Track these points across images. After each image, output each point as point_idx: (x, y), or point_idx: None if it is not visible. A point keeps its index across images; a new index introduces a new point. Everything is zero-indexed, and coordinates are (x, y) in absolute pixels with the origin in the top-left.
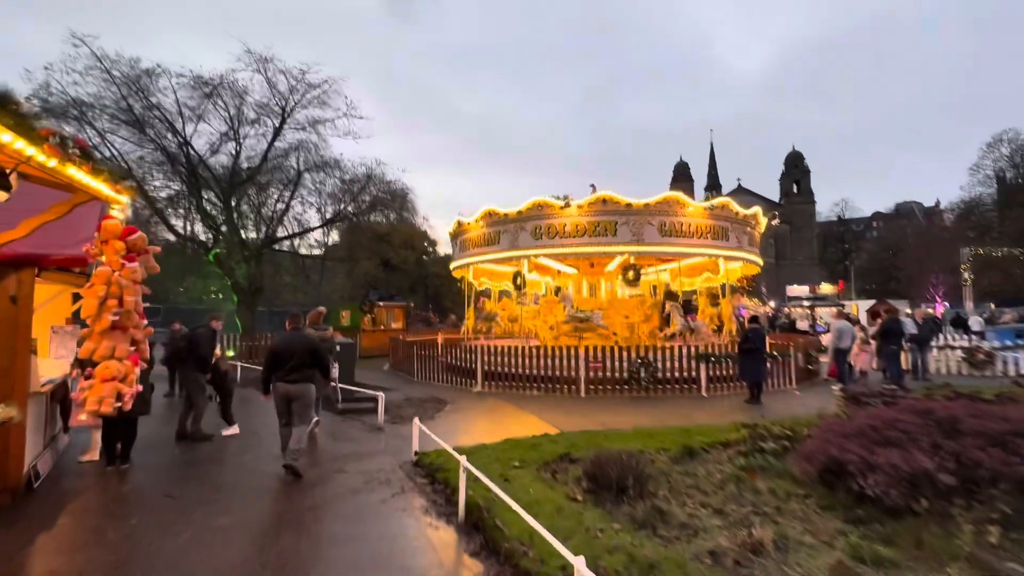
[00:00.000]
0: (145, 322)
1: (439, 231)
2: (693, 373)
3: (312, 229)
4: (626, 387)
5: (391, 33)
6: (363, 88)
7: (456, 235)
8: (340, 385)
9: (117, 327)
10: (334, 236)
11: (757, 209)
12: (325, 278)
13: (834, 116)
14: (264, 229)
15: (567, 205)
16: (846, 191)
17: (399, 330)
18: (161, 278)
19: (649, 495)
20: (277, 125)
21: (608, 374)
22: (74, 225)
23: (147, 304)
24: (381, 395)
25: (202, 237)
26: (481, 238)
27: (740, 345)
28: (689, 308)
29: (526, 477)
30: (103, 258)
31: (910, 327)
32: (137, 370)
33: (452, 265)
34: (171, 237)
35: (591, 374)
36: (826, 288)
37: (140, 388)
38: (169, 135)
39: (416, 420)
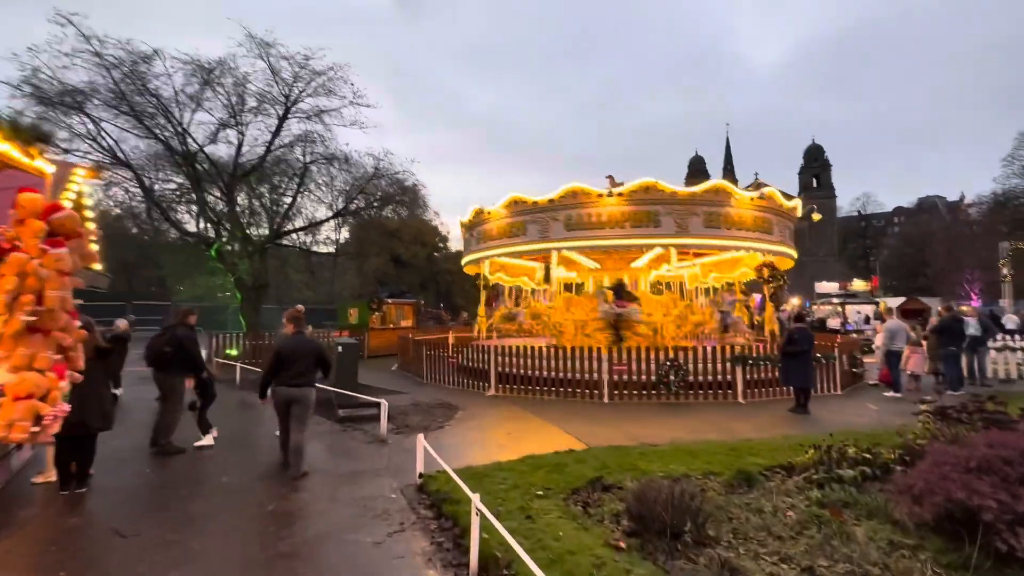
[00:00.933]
0: (78, 323)
1: (450, 227)
2: (728, 377)
3: (318, 223)
4: (653, 392)
5: (400, 31)
6: (374, 87)
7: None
8: (340, 391)
9: (36, 330)
10: (345, 234)
11: (715, 183)
12: (335, 275)
13: (854, 110)
14: (269, 224)
15: (481, 212)
16: (867, 186)
17: (409, 328)
18: (166, 275)
19: (709, 540)
20: (281, 114)
21: (633, 377)
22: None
23: (157, 302)
24: (384, 403)
25: (210, 233)
26: (466, 242)
27: (784, 347)
28: (621, 294)
29: (552, 511)
30: (20, 242)
31: (972, 326)
32: (65, 384)
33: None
34: (175, 233)
35: (615, 377)
36: (858, 284)
37: (67, 408)
38: (164, 121)
39: (420, 437)
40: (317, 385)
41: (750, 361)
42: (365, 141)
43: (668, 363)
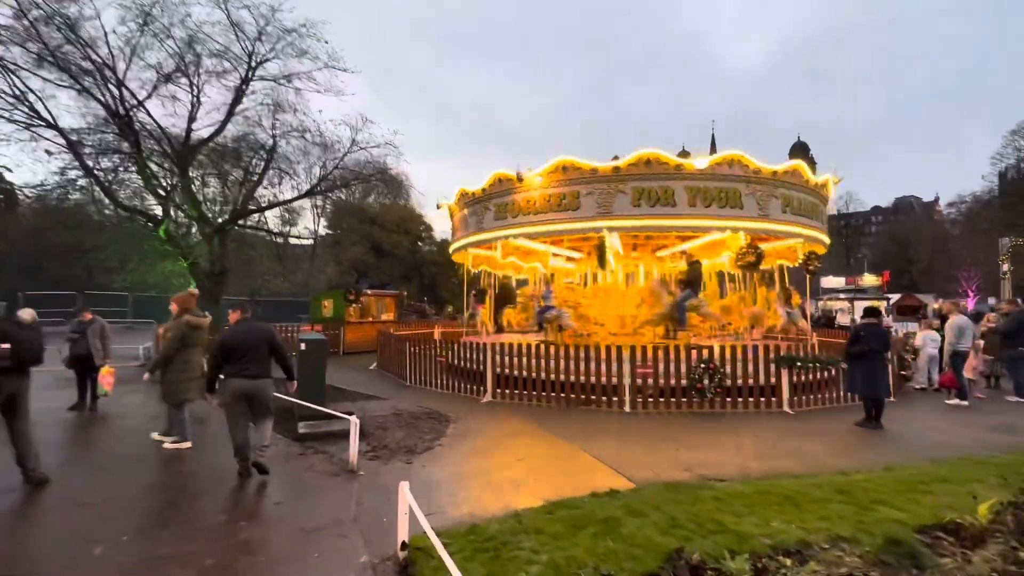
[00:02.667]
0: None
1: (434, 217)
2: (769, 381)
3: (287, 202)
4: (683, 399)
5: (382, 14)
6: (356, 78)
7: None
8: (300, 401)
9: None
10: (324, 225)
11: (496, 173)
12: (313, 265)
13: (832, 109)
14: (231, 202)
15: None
16: (847, 185)
17: (390, 322)
18: (105, 258)
19: None
20: (243, 76)
21: (660, 381)
22: None
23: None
24: (354, 421)
25: (156, 209)
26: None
27: (849, 346)
28: (480, 297)
29: None
30: None
31: None
32: None
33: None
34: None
35: (638, 382)
36: (869, 280)
37: None
38: (97, 73)
39: (404, 489)
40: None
41: (798, 363)
42: (342, 111)
43: (702, 365)
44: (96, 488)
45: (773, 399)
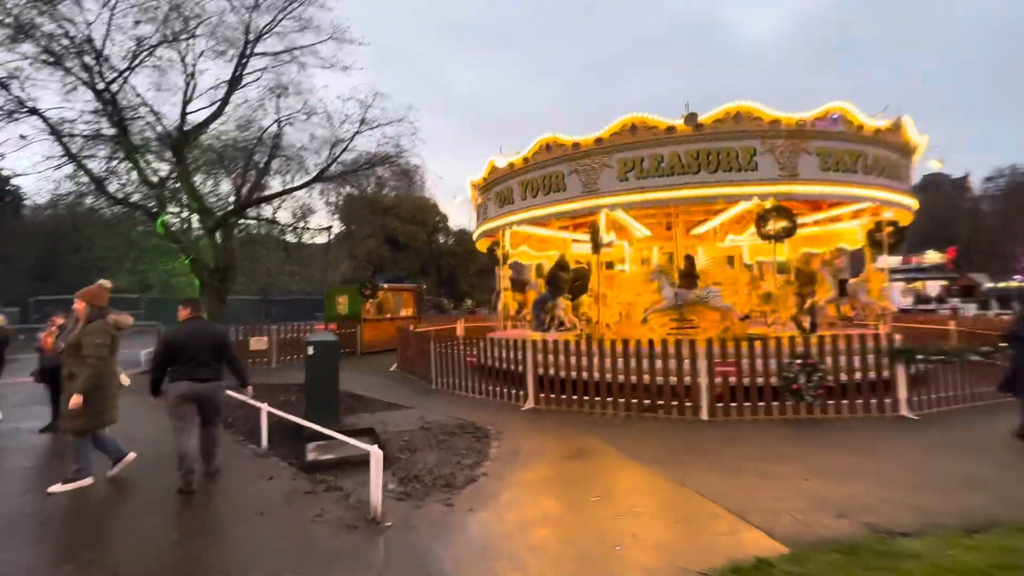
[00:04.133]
0: None
1: (453, 210)
2: (875, 375)
3: (295, 189)
4: (773, 403)
5: (380, 4)
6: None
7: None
8: (305, 422)
9: None
10: (336, 219)
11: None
12: (327, 261)
13: (853, 83)
14: (234, 192)
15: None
16: None
17: (410, 318)
18: (99, 256)
19: None
20: (241, 50)
21: (744, 381)
22: None
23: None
24: (376, 454)
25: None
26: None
27: (1009, 334)
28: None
29: None
30: None
31: None
32: None
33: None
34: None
35: (717, 381)
36: (932, 256)
37: None
38: (73, 47)
39: None
40: (274, 411)
41: (919, 356)
42: (350, 84)
43: (798, 360)
44: (25, 554)
45: (886, 400)
